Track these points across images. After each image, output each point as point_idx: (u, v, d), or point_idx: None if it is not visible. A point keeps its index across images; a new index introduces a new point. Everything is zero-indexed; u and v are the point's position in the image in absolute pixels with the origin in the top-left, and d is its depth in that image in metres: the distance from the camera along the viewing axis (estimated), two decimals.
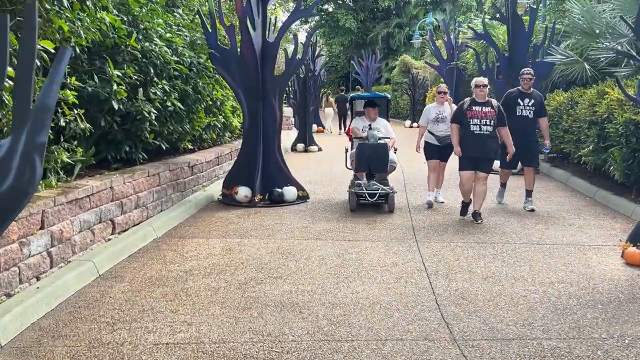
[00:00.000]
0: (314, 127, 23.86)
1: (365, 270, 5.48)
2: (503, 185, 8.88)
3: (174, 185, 8.06)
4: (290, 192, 8.74)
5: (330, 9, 42.14)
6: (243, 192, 8.63)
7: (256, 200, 8.57)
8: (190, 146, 9.15)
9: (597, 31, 10.00)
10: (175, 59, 7.58)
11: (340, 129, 25.07)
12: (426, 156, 8.80)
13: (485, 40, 12.57)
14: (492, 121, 7.29)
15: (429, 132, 8.57)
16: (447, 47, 18.72)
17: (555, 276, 5.35)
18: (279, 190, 8.68)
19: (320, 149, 16.26)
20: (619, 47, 9.21)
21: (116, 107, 6.45)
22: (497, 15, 12.46)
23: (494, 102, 7.58)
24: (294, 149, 16.08)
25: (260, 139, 8.76)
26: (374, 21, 41.09)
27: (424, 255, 6.04)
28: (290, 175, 9.02)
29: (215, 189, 9.38)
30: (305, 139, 16.01)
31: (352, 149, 8.79)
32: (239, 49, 8.66)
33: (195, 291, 4.91)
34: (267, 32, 8.78)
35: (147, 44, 7.02)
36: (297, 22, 47.66)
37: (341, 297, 4.78)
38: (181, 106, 7.74)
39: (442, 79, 21.99)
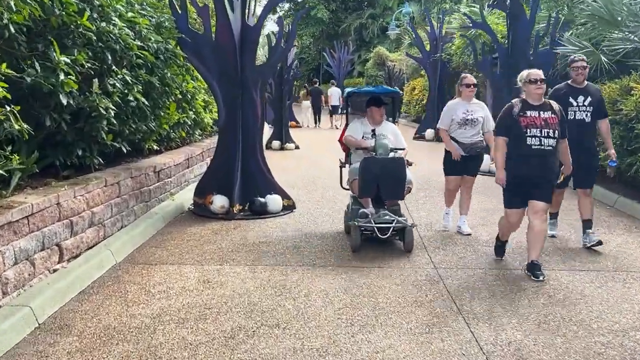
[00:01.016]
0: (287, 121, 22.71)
1: (384, 314, 4.31)
2: (554, 215, 6.63)
3: (137, 195, 6.77)
4: (274, 201, 7.53)
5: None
6: (219, 201, 7.39)
7: (235, 212, 7.33)
8: (156, 147, 7.84)
9: (619, 18, 9.01)
10: (139, 43, 6.27)
11: (315, 123, 23.96)
12: (445, 170, 6.76)
13: (483, 29, 11.53)
14: (556, 132, 5.06)
15: (452, 138, 6.57)
16: (430, 37, 17.66)
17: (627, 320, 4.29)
18: (262, 199, 7.46)
19: (297, 147, 15.05)
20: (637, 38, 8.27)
21: (64, 102, 5.12)
22: (496, 2, 11.41)
23: (554, 104, 5.25)
24: (268, 146, 14.81)
25: (239, 139, 7.52)
26: (346, 12, 39.90)
27: (450, 288, 4.91)
28: (274, 181, 7.81)
29: (186, 196, 8.11)
30: (281, 136, 14.79)
31: (347, 162, 6.62)
32: (214, 34, 7.40)
33: (167, 351, 3.67)
34: (247, 14, 7.53)
35: (103, 24, 5.70)
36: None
37: (362, 358, 3.61)
38: (145, 101, 6.44)
39: (423, 72, 20.99)
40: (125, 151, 6.67)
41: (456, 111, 6.55)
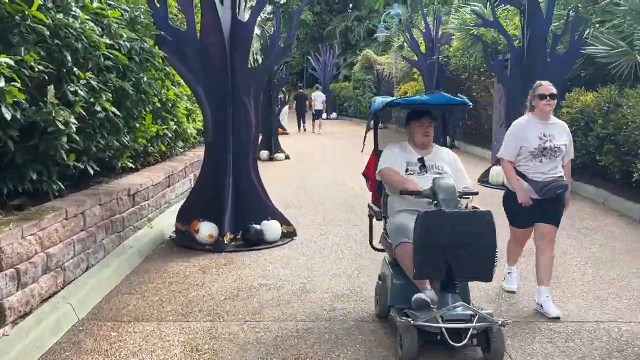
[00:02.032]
0: None
1: None
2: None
3: (108, 226, 5.58)
4: (272, 228, 6.38)
5: (283, 0, 39.62)
6: (207, 229, 6.22)
7: (225, 242, 6.17)
8: (130, 164, 6.65)
9: None
10: (108, 41, 5.09)
11: (299, 128, 23.00)
12: (510, 217, 4.79)
13: (494, 27, 10.50)
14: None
15: (518, 173, 4.58)
16: (426, 39, 16.62)
17: None
18: (257, 226, 6.31)
19: (287, 157, 13.90)
20: None
21: (8, 116, 3.94)
22: None
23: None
24: (256, 157, 13.63)
25: (230, 155, 6.37)
26: (330, 14, 38.80)
27: None
28: (272, 205, 6.66)
29: (167, 221, 6.93)
30: (270, 146, 13.62)
31: (384, 210, 4.34)
32: (199, 32, 6.25)
33: None
34: (238, 7, 6.39)
35: (60, 16, 4.51)
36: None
37: None
38: (117, 111, 5.26)
39: (416, 75, 19.97)
40: (92, 172, 5.49)
41: (527, 135, 4.53)
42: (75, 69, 4.76)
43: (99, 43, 4.87)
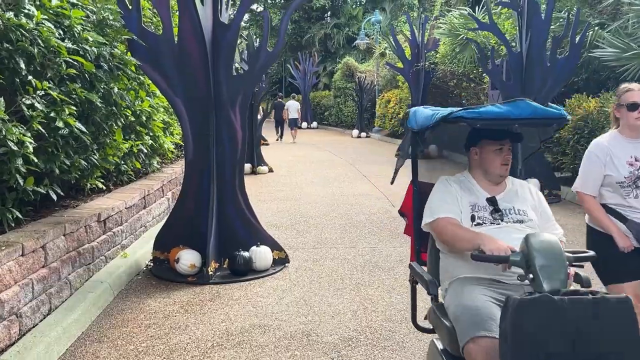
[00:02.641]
0: None
1: None
2: None
3: (74, 259, 4.84)
4: (262, 255, 5.67)
5: (260, 8, 38.96)
6: (188, 258, 5.50)
7: (210, 272, 5.45)
8: (101, 185, 5.91)
9: None
10: (71, 46, 4.37)
11: (278, 137, 22.46)
12: (601, 271, 3.44)
13: (491, 31, 9.96)
14: None
15: (607, 208, 3.45)
16: (411, 45, 16.09)
17: None
18: (245, 253, 5.60)
19: (271, 170, 13.19)
20: None
21: None
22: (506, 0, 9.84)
23: None
24: None
25: (213, 174, 5.66)
26: (308, 21, 38.19)
27: None
28: (261, 228, 5.97)
29: (143, 248, 6.19)
30: (252, 158, 12.89)
31: (433, 273, 3.08)
32: (176, 35, 5.55)
33: None
34: (220, 8, 5.71)
35: (10, 15, 3.79)
36: None
37: None
38: (82, 127, 4.54)
39: (401, 83, 19.44)
40: (55, 197, 4.75)
41: (613, 160, 3.36)
42: (31, 78, 4.04)
43: (59, 48, 4.15)
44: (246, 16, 40.45)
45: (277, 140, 22.48)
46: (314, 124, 31.04)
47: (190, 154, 5.71)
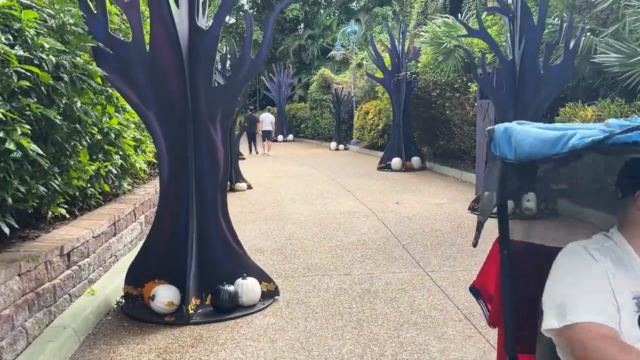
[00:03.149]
0: None
1: None
2: None
3: (32, 301, 4.14)
4: (249, 289, 5.02)
5: (233, 20, 38.29)
6: (165, 295, 4.83)
7: (190, 311, 4.78)
8: (65, 212, 5.21)
9: None
10: (22, 53, 3.71)
11: (250, 151, 21.83)
12: None
13: (482, 38, 9.48)
14: None
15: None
16: (392, 55, 15.61)
17: None
18: (230, 288, 4.94)
19: (250, 186, 12.52)
20: None
21: None
22: (496, 4, 9.39)
23: None
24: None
25: (192, 198, 5.01)
26: (282, 33, 37.65)
27: None
28: (247, 257, 5.32)
29: (114, 282, 5.50)
30: (230, 174, 12.22)
31: None
32: (148, 43, 4.91)
33: None
34: (197, 13, 5.09)
35: None
36: None
37: None
38: (38, 149, 3.87)
39: (380, 93, 18.96)
40: (7, 231, 4.07)
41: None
42: None
43: (7, 55, 3.49)
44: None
45: (251, 153, 22.07)
46: (290, 136, 30.44)
47: (166, 176, 5.05)
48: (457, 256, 6.63)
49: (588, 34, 9.46)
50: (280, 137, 30.08)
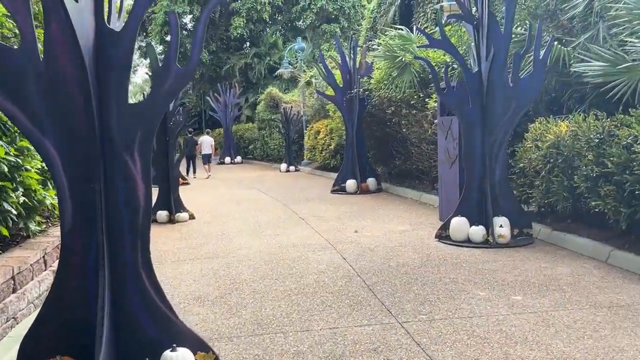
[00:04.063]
0: None
1: None
2: None
3: None
4: None
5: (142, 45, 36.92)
6: None
7: None
8: None
9: None
10: None
11: (187, 173, 21.32)
12: None
13: (445, 49, 8.64)
14: None
15: None
16: (343, 71, 14.75)
17: None
18: None
19: (192, 216, 11.30)
20: None
21: None
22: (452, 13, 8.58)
23: None
24: (153, 219, 10.99)
25: (104, 251, 3.86)
26: (227, 51, 36.51)
27: None
28: (177, 319, 4.17)
29: (6, 355, 4.27)
30: (169, 203, 10.99)
31: None
32: (42, 50, 3.77)
33: None
34: (110, 13, 3.99)
35: None
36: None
37: None
38: None
39: (331, 112, 18.07)
40: None
41: None
42: None
43: None
44: (159, 47, 38.37)
45: (188, 176, 21.30)
46: (238, 158, 29.24)
47: (69, 221, 3.88)
48: (433, 299, 5.66)
49: (555, 43, 8.77)
50: (227, 159, 28.87)
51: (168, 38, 37.41)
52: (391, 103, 13.53)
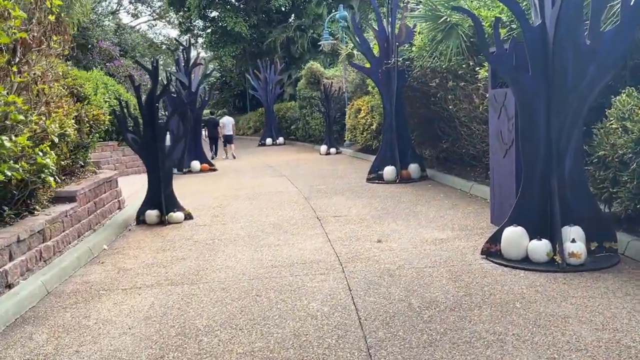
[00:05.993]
0: (197, 165, 17.24)
1: None
2: None
3: None
4: None
5: (216, 14, 35.13)
6: None
7: None
8: None
9: None
10: None
11: (213, 158, 20.76)
12: None
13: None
14: None
15: None
16: (380, 38, 12.49)
17: None
18: None
19: (189, 216, 9.41)
20: None
21: None
22: None
23: None
24: (141, 220, 9.16)
25: None
26: (269, 25, 34.45)
27: None
28: None
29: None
30: (159, 201, 9.13)
31: None
32: None
33: None
34: None
35: None
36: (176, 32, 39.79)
37: None
38: None
39: (371, 87, 15.81)
40: None
41: None
42: None
43: None
44: (200, 23, 36.78)
45: (214, 158, 20.94)
46: (280, 139, 27.33)
47: None
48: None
49: None
50: (269, 140, 27.04)
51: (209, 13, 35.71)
52: (435, 74, 11.21)
